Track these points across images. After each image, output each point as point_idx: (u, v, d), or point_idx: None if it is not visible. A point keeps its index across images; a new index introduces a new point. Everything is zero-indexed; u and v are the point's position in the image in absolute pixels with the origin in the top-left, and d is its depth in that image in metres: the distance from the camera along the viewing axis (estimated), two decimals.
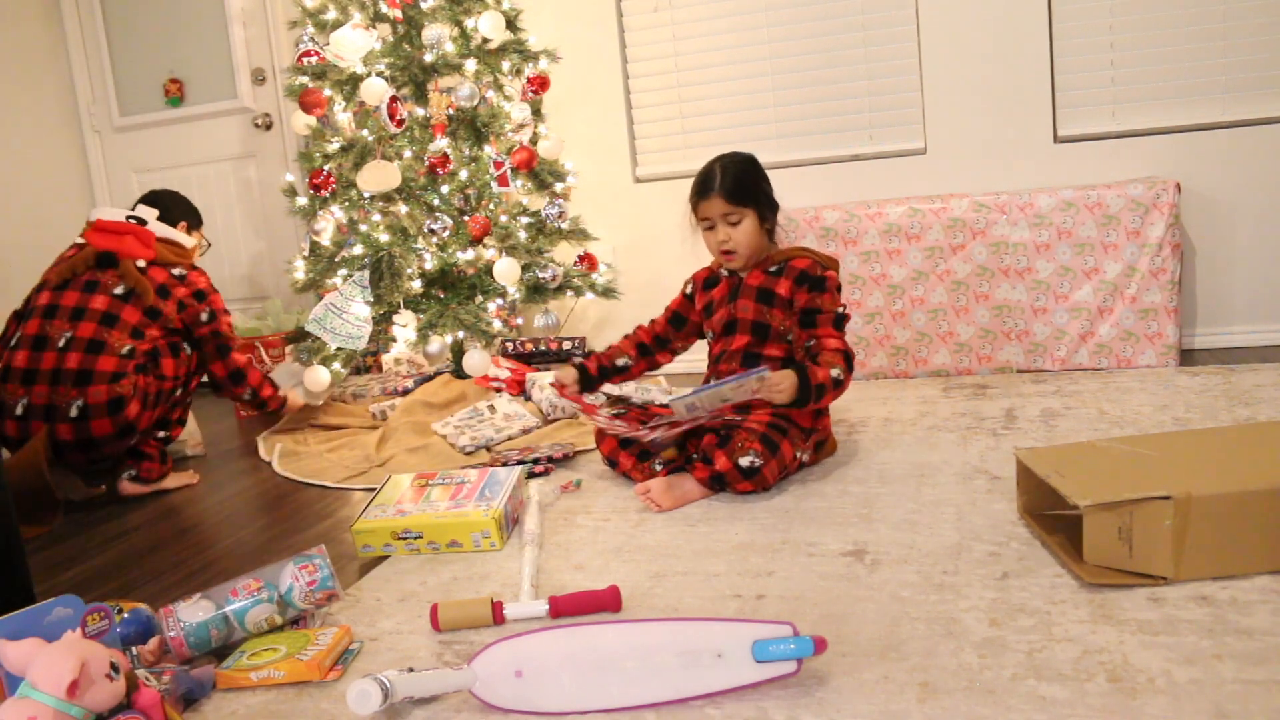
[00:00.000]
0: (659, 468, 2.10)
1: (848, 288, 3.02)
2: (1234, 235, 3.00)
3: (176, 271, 2.64)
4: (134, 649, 1.42)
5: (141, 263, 2.59)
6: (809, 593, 1.52)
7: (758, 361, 2.11)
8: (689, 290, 2.35)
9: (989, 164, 3.20)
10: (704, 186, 2.15)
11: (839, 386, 2.03)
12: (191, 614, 1.47)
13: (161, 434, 2.64)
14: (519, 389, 3.10)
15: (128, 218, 2.66)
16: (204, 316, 2.65)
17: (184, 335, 2.64)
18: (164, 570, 1.99)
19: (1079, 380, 2.75)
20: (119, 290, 2.53)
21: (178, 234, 2.74)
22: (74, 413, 2.39)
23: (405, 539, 1.88)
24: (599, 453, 2.28)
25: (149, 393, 2.50)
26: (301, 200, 3.33)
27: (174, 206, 2.86)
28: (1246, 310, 3.02)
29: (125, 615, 1.45)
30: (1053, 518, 1.64)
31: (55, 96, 4.18)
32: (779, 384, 1.95)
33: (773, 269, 2.18)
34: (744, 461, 1.96)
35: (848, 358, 2.06)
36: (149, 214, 2.71)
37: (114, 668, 1.15)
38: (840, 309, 2.14)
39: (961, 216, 2.92)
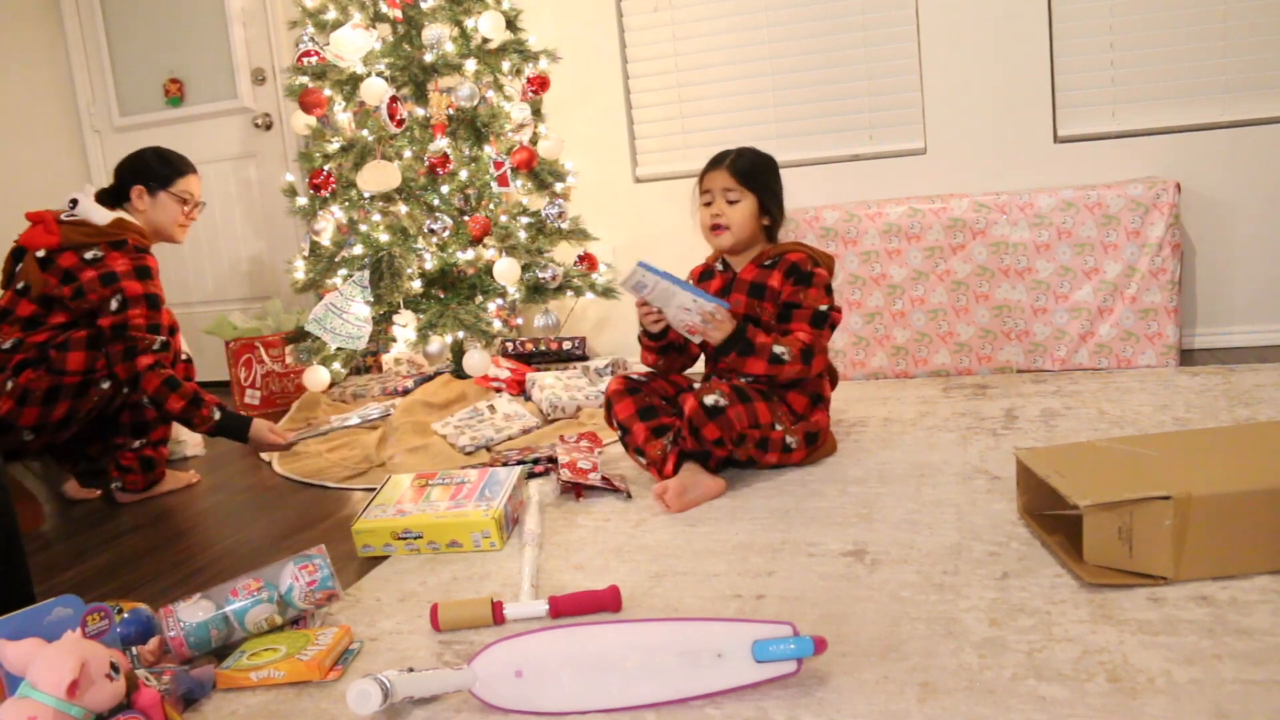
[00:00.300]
0: (671, 447, 2.09)
1: (848, 288, 3.02)
2: (1234, 235, 3.00)
3: (89, 254, 2.35)
4: (134, 649, 1.42)
5: (42, 252, 2.36)
6: (809, 593, 1.52)
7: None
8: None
9: (989, 164, 3.20)
10: (715, 160, 2.19)
11: (777, 363, 2.05)
12: (191, 614, 1.47)
13: (138, 443, 2.50)
14: (519, 389, 3.10)
15: (70, 201, 2.43)
16: (113, 305, 2.31)
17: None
18: (164, 570, 1.99)
19: (1079, 380, 2.75)
20: (20, 285, 2.40)
21: (94, 211, 2.41)
22: None
23: (405, 539, 1.88)
24: (613, 420, 2.20)
25: (34, 389, 2.29)
26: (301, 200, 3.33)
27: (138, 173, 2.50)
28: (1246, 310, 3.02)
29: (125, 615, 1.45)
30: (1053, 518, 1.64)
31: (55, 96, 4.18)
32: (722, 321, 2.03)
33: (767, 263, 2.19)
34: (708, 400, 1.97)
35: (805, 352, 2.08)
36: (85, 193, 2.44)
37: (114, 668, 1.15)
38: (824, 307, 2.13)
39: (961, 216, 2.92)
